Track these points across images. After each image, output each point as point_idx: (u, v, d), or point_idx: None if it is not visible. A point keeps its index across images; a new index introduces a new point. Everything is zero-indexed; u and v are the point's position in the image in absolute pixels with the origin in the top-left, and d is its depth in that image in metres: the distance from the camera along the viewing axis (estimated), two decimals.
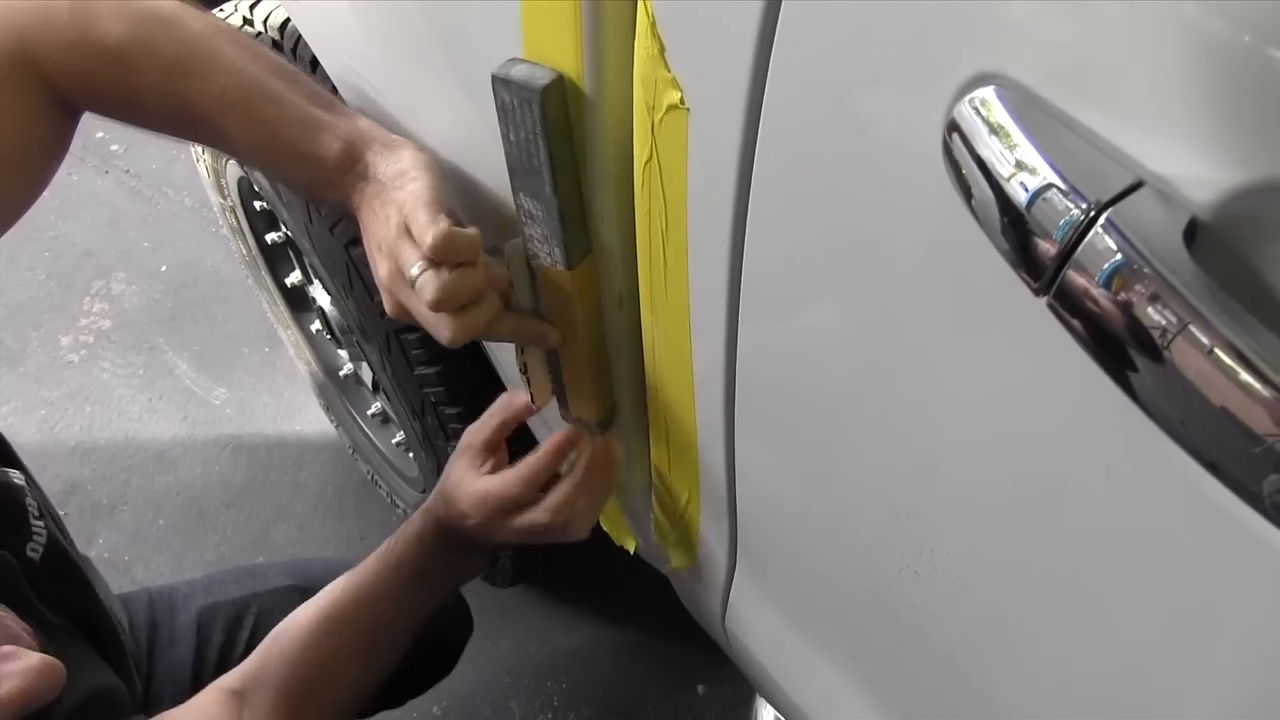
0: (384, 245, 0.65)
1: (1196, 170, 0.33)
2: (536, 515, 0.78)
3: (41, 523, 0.79)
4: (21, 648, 0.52)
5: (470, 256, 0.64)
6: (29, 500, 0.79)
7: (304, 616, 0.83)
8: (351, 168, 0.67)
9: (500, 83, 0.61)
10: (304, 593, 1.11)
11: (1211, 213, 0.33)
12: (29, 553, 0.76)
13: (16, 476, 0.79)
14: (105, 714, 0.73)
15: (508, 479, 0.79)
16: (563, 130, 0.61)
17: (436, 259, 0.62)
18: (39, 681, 0.50)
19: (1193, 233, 0.33)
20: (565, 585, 1.69)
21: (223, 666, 1.06)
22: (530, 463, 0.79)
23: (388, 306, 0.68)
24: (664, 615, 1.64)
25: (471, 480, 0.80)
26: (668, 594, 1.24)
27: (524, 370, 0.81)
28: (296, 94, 0.68)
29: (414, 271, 0.63)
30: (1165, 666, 0.45)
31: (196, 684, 1.03)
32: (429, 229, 0.62)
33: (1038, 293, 0.36)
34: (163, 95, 0.67)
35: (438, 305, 0.63)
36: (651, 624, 1.67)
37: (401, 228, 0.64)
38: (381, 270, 0.66)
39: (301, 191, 0.69)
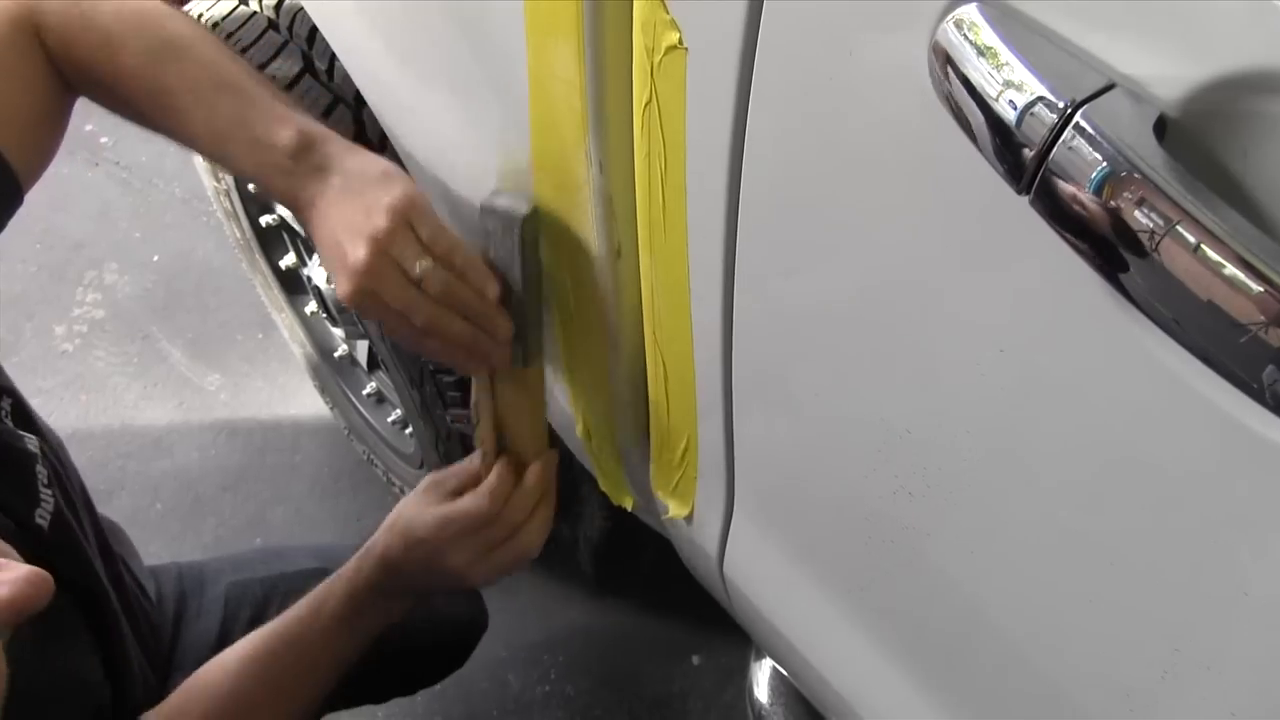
0: (366, 235, 0.68)
1: (1164, 69, 0.36)
2: (495, 531, 0.82)
3: (50, 491, 0.80)
4: (10, 560, 0.54)
5: (474, 280, 0.72)
6: (39, 467, 0.80)
7: (230, 655, 0.84)
8: (306, 156, 0.70)
9: (487, 211, 0.73)
10: (328, 575, 1.12)
11: (1178, 109, 0.36)
12: (37, 519, 0.77)
13: (31, 443, 0.80)
14: (63, 700, 0.75)
15: (477, 494, 0.83)
16: (534, 251, 0.74)
17: (446, 264, 0.70)
18: (28, 590, 0.51)
19: (1162, 128, 0.36)
20: (560, 562, 1.72)
21: None
22: (493, 480, 0.83)
23: (350, 291, 0.70)
24: (658, 590, 1.67)
25: (434, 506, 0.84)
26: (662, 569, 1.27)
27: (476, 420, 0.86)
28: (263, 90, 0.73)
29: (423, 264, 0.69)
30: (1158, 561, 0.46)
31: None
32: (447, 236, 0.70)
33: (1019, 192, 0.39)
34: (143, 78, 0.72)
35: (443, 297, 0.70)
36: (646, 598, 1.69)
37: (401, 223, 0.68)
38: (358, 257, 0.68)
39: (255, 181, 0.73)
